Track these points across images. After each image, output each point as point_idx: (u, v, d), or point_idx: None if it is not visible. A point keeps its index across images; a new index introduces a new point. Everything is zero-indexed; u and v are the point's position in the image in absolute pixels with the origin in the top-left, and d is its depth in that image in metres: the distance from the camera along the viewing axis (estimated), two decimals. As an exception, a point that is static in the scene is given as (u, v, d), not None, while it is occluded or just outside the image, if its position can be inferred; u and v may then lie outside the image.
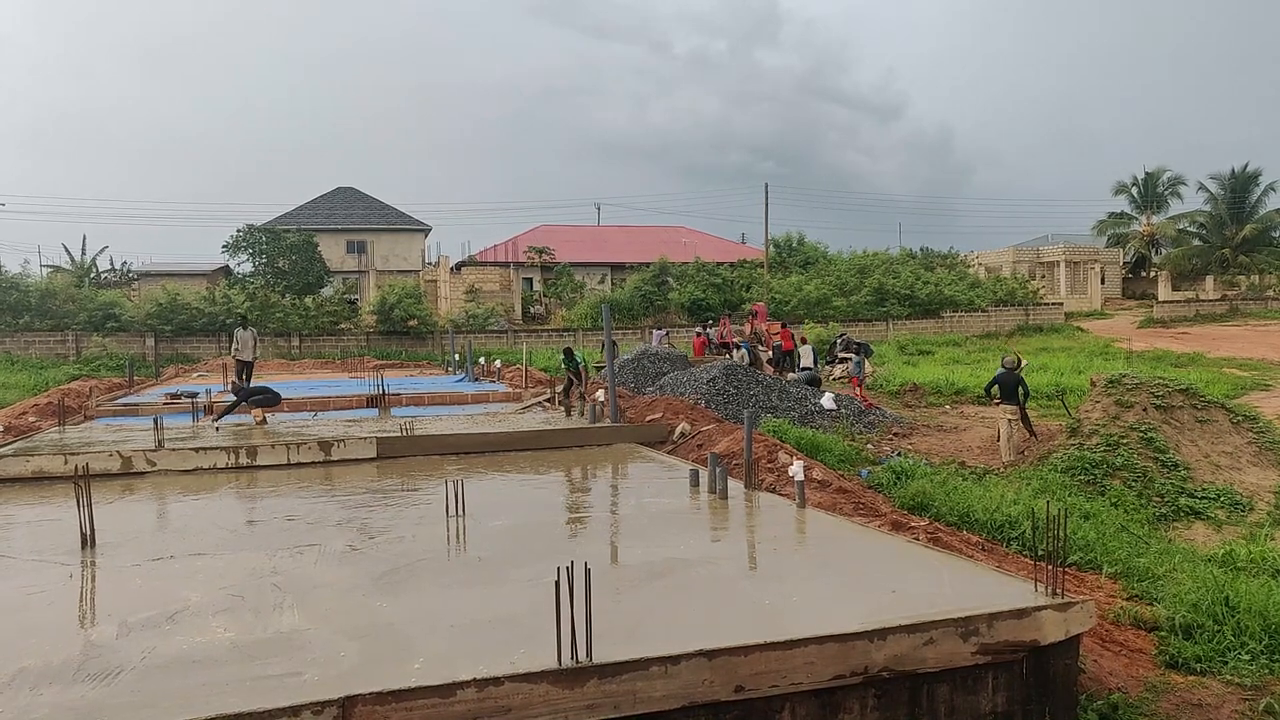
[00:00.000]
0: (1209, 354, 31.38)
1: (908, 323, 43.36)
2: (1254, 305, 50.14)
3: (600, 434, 13.41)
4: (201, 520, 8.52)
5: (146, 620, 5.40)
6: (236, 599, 5.81)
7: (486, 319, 42.27)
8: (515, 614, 5.43)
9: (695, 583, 6.11)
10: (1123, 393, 14.92)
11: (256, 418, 14.73)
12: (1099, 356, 31.46)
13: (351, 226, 52.90)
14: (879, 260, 49.99)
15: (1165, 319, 46.57)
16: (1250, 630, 6.62)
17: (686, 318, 42.44)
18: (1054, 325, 45.06)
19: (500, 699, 4.30)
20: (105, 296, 39.52)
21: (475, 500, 8.48)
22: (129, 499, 9.58)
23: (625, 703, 4.49)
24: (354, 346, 39.29)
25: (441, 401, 18.86)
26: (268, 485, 10.28)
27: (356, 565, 6.64)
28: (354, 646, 4.90)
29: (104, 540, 7.39)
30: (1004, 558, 8.54)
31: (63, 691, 4.36)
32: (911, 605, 5.38)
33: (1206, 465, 13.53)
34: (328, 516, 8.42)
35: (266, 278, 45.13)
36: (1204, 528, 11.81)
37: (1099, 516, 10.73)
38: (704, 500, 8.96)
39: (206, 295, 39.49)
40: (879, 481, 11.86)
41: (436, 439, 12.48)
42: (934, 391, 23.26)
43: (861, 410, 18.73)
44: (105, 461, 10.88)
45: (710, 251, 52.89)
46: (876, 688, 5.03)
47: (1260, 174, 59.77)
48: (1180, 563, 8.96)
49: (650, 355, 24.00)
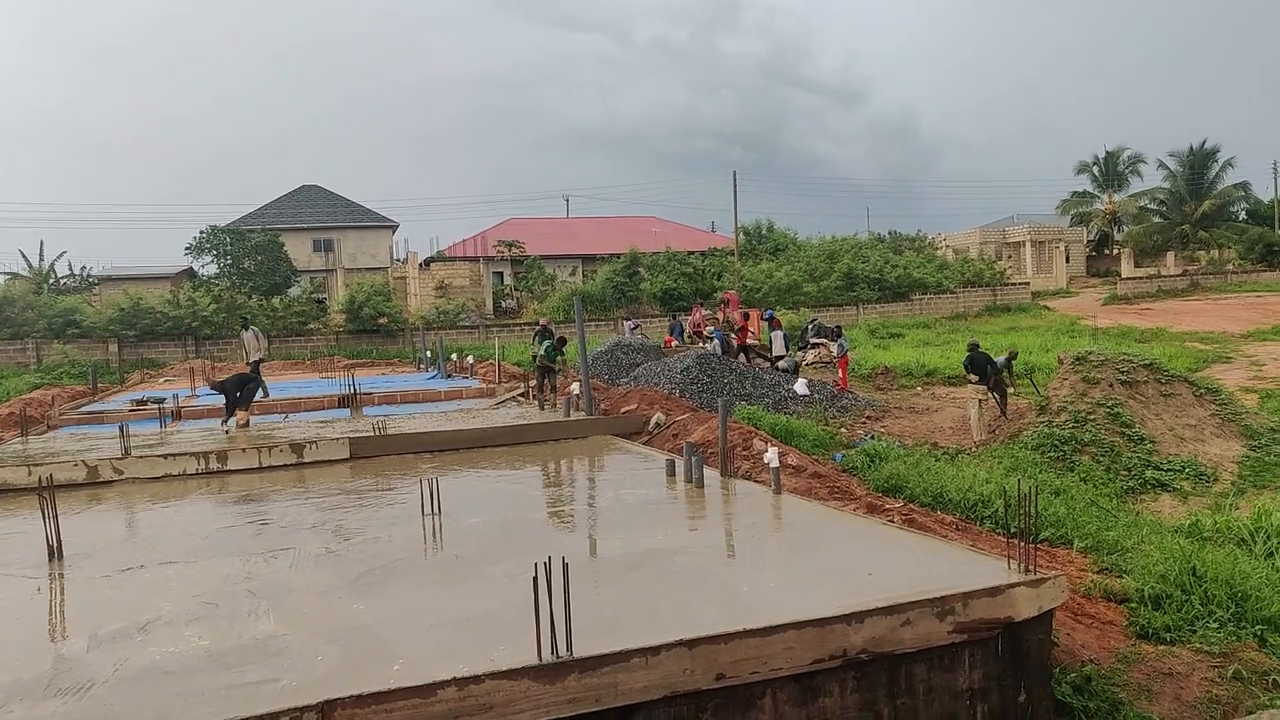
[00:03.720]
0: (1171, 329, 31.97)
1: (878, 306, 43.68)
2: (1214, 280, 51.10)
3: (576, 427, 13.39)
4: (172, 528, 8.40)
5: (118, 632, 5.31)
6: (210, 607, 5.74)
7: (457, 315, 41.99)
8: (494, 611, 5.42)
9: (674, 573, 6.12)
10: (1089, 369, 15.16)
11: (240, 420, 14.55)
12: (1066, 334, 31.91)
13: (317, 225, 52.20)
14: (848, 245, 50.23)
15: (1129, 295, 47.33)
16: (1217, 599, 6.76)
17: (659, 308, 42.42)
18: (1021, 305, 45.59)
19: (481, 697, 4.28)
20: (65, 303, 38.71)
21: (451, 498, 8.43)
22: (96, 509, 9.42)
23: (607, 695, 4.50)
24: (323, 346, 38.84)
25: (414, 399, 18.73)
26: (239, 490, 10.14)
27: (332, 568, 6.58)
28: (332, 650, 4.86)
29: (71, 552, 7.25)
30: (978, 536, 8.65)
31: (33, 707, 4.28)
32: (888, 587, 5.43)
33: (1171, 438, 13.80)
34: (302, 519, 8.33)
35: (232, 279, 44.45)
36: (1170, 499, 12.05)
37: (1069, 492, 10.90)
38: (680, 490, 8.98)
39: (171, 298, 38.80)
40: (853, 465, 11.95)
41: (410, 437, 12.39)
42: (905, 374, 23.48)
43: (834, 395, 18.87)
44: (70, 471, 10.68)
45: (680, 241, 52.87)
46: (856, 670, 5.08)
47: (1218, 150, 60.74)
48: (1148, 535, 9.13)
49: (624, 346, 23.97)
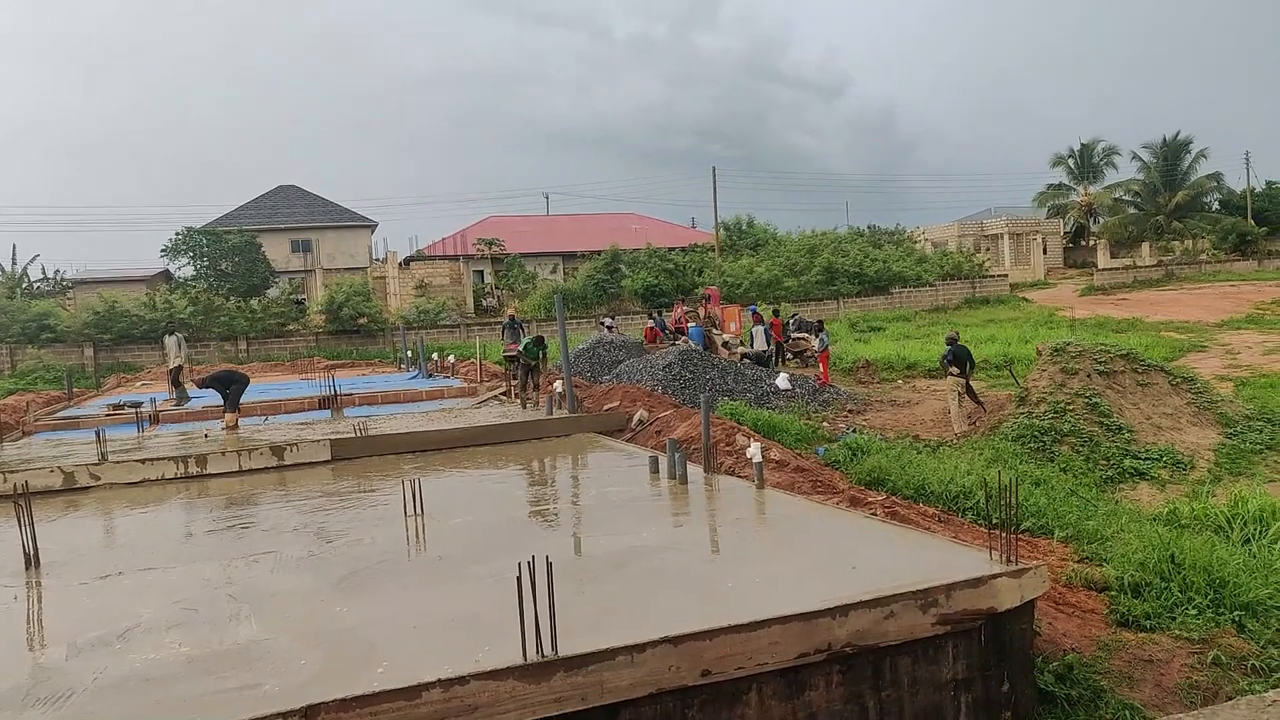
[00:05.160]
0: (1147, 318, 32.36)
1: (858, 300, 43.91)
2: (1188, 270, 51.78)
3: (558, 425, 13.36)
4: (151, 533, 8.31)
5: (97, 639, 5.25)
6: (190, 612, 5.68)
7: (438, 314, 41.79)
8: (478, 612, 5.40)
9: (658, 569, 6.12)
10: (1067, 360, 15.30)
11: (229, 422, 14.41)
12: (1044, 325, 32.22)
13: (295, 225, 51.73)
14: (828, 239, 50.42)
15: (1105, 286, 47.87)
16: (1196, 586, 6.83)
17: (640, 304, 42.42)
18: (1000, 297, 45.97)
19: (466, 698, 4.26)
20: (39, 307, 38.18)
21: (434, 498, 8.39)
22: (73, 515, 9.30)
23: (593, 693, 4.49)
24: (303, 347, 38.55)
25: (395, 400, 18.62)
26: (219, 494, 10.05)
27: (315, 571, 6.53)
28: (315, 654, 4.82)
29: (49, 559, 7.16)
30: (960, 528, 8.71)
31: (12, 718, 4.22)
32: (872, 580, 5.46)
33: (1149, 427, 13.96)
34: (283, 522, 8.26)
35: (209, 281, 44.00)
36: (1148, 488, 12.18)
37: (1049, 482, 10.99)
38: (664, 486, 8.98)
39: (146, 301, 38.36)
40: (835, 459, 11.99)
41: (392, 438, 12.32)
42: (886, 367, 23.62)
43: (816, 389, 18.94)
44: (46, 478, 10.54)
45: (661, 237, 52.86)
46: (841, 664, 5.10)
47: (1191, 141, 61.61)
48: (1127, 523, 9.22)
49: (605, 344, 23.95)
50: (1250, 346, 24.36)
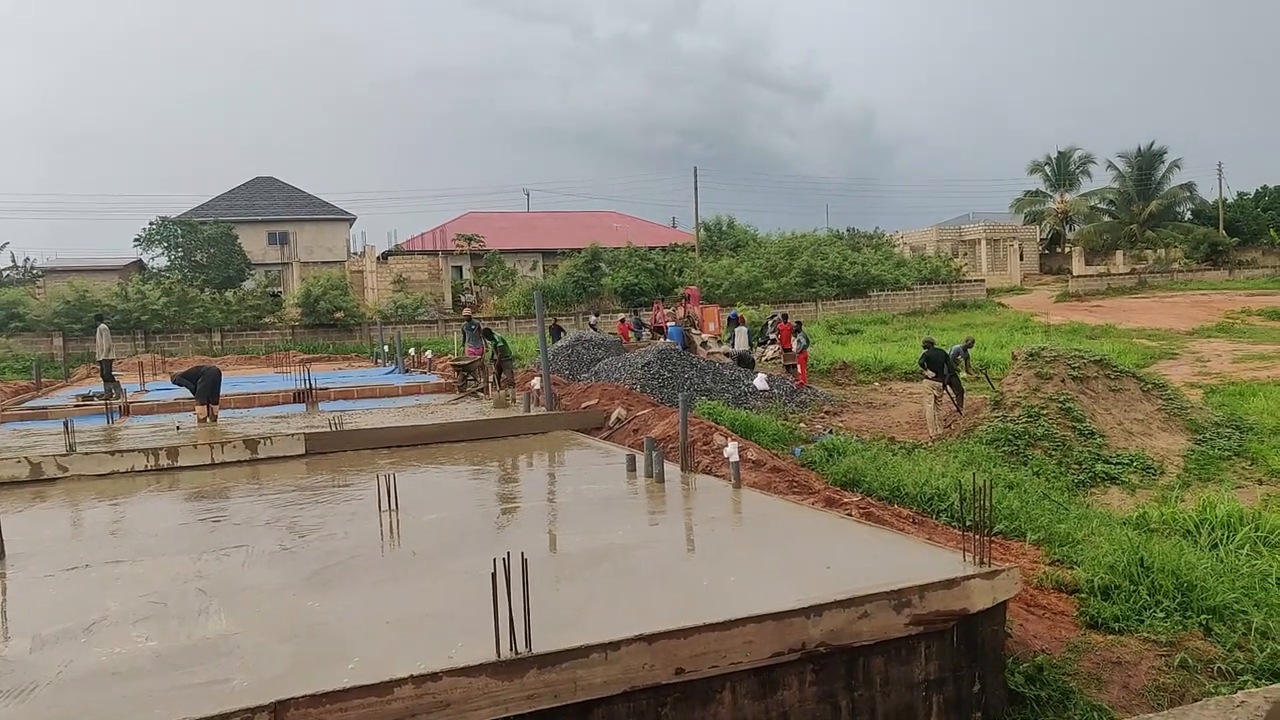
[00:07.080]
0: (1120, 325, 32.79)
1: (836, 303, 44.16)
2: (1160, 278, 52.57)
3: (536, 422, 13.32)
4: (119, 526, 8.18)
5: (62, 632, 5.15)
6: (158, 606, 5.59)
7: (416, 309, 41.57)
8: (452, 608, 5.36)
9: (634, 567, 6.11)
10: (1042, 365, 15.47)
11: (200, 414, 14.21)
12: (1019, 331, 32.56)
13: (272, 217, 51.20)
14: (807, 242, 50.65)
15: (1080, 293, 48.46)
16: (1164, 589, 6.92)
17: (620, 303, 42.41)
18: (977, 301, 46.44)
19: (439, 694, 4.23)
20: (7, 295, 37.57)
21: (409, 494, 8.32)
22: (40, 507, 9.13)
23: (566, 691, 4.47)
24: (279, 341, 38.20)
25: (371, 395, 18.48)
26: (190, 487, 9.92)
27: (286, 565, 6.46)
28: (285, 649, 4.76)
29: (14, 551, 7.03)
30: (934, 529, 8.77)
31: (-29, 712, 4.14)
32: (846, 580, 5.48)
33: (1120, 432, 14.14)
34: (255, 516, 8.17)
35: (183, 272, 43.46)
36: (1119, 492, 12.34)
37: (1022, 486, 11.10)
38: (641, 485, 8.97)
39: (118, 291, 37.83)
40: (812, 459, 12.04)
41: (367, 433, 12.22)
42: (863, 369, 23.77)
43: (793, 390, 19.02)
44: (12, 468, 10.35)
45: (641, 236, 52.87)
46: (814, 663, 5.11)
47: (1165, 151, 62.52)
48: (1098, 527, 9.33)
49: (584, 341, 23.92)
50: (1220, 354, 24.75)
